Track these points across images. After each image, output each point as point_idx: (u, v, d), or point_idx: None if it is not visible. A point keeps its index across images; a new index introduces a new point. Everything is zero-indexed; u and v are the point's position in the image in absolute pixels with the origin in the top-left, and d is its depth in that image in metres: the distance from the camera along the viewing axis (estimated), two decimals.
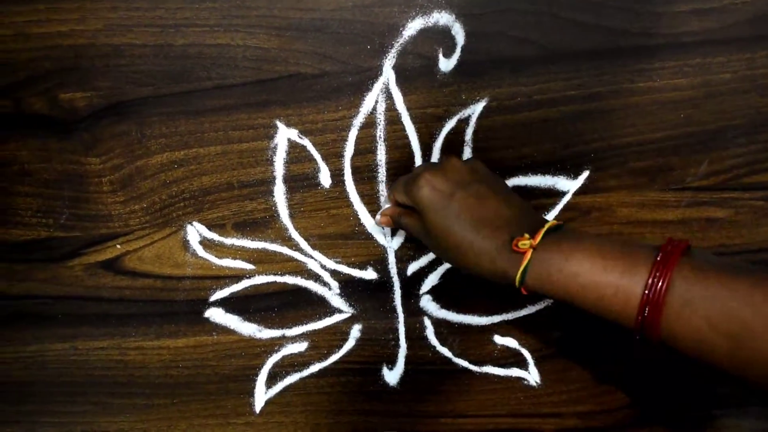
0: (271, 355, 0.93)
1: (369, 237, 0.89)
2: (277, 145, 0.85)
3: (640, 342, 0.67)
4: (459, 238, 0.74)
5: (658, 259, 0.65)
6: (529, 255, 0.70)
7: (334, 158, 0.86)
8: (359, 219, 0.88)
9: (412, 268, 0.90)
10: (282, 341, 0.93)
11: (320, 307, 0.92)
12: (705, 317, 0.62)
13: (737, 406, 0.94)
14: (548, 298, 0.72)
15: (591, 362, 0.93)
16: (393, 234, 0.89)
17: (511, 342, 0.93)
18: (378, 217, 0.86)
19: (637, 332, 0.66)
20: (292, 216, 0.88)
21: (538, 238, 0.71)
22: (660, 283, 0.64)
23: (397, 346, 0.93)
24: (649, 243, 0.69)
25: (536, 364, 0.93)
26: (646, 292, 0.64)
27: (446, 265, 0.90)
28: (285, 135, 0.85)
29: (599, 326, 0.88)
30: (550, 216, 0.88)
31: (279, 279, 0.91)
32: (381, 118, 0.84)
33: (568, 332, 0.92)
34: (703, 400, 0.93)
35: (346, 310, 0.92)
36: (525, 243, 0.71)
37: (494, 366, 0.93)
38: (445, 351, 0.93)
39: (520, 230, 0.72)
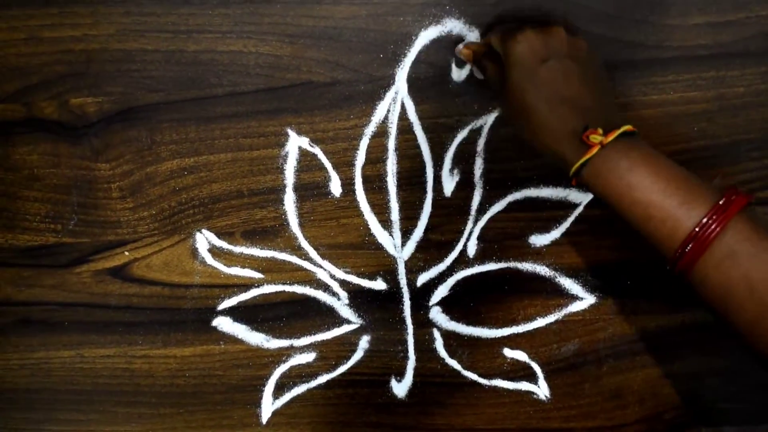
0: (278, 366, 0.92)
1: (379, 247, 0.88)
2: (287, 153, 0.85)
3: (668, 272, 0.67)
4: (533, 106, 0.71)
5: (720, 203, 0.64)
6: (595, 150, 0.68)
7: (344, 167, 0.86)
8: (369, 229, 0.88)
9: (422, 279, 0.90)
10: (290, 351, 0.92)
11: (329, 317, 0.91)
12: (744, 275, 0.62)
13: (749, 423, 0.93)
14: (594, 195, 0.70)
15: (602, 377, 0.92)
16: (403, 244, 0.88)
17: (520, 355, 0.92)
18: (460, 46, 0.81)
19: (670, 263, 0.66)
20: (301, 225, 0.88)
21: (611, 137, 0.68)
22: (714, 226, 0.63)
23: (406, 357, 0.92)
24: (713, 185, 0.68)
25: (546, 378, 0.92)
26: (697, 229, 0.63)
27: (457, 276, 0.90)
28: (296, 143, 0.85)
29: (609, 340, 0.88)
30: (561, 228, 0.87)
31: (288, 288, 0.90)
32: (393, 127, 0.84)
33: (578, 346, 0.91)
34: (715, 416, 0.93)
35: (355, 321, 0.91)
36: (596, 137, 0.68)
37: (504, 379, 0.93)
38: (454, 363, 0.92)
39: (596, 122, 0.70)
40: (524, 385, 0.93)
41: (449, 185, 0.86)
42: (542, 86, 0.71)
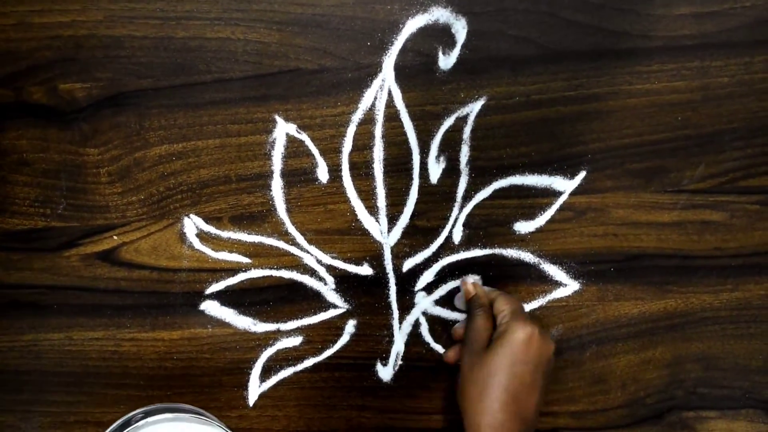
0: (265, 349, 0.93)
1: (365, 233, 0.89)
2: (275, 139, 0.85)
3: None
4: (493, 386, 0.78)
5: None
6: None
7: (332, 154, 0.86)
8: (356, 215, 0.88)
9: (408, 264, 0.91)
10: (276, 335, 0.93)
11: (315, 301, 0.92)
12: None
13: (730, 408, 0.94)
14: None
15: (584, 362, 0.93)
16: (389, 230, 0.89)
17: None
18: (472, 280, 0.89)
19: None
20: (289, 210, 0.88)
21: None
22: None
23: (391, 342, 0.93)
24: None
25: None
26: None
27: (442, 263, 0.90)
28: (283, 130, 0.85)
29: (592, 326, 0.89)
30: (546, 216, 0.88)
31: (275, 273, 0.91)
32: (380, 114, 0.85)
33: (561, 331, 0.92)
34: (695, 401, 0.94)
35: (341, 306, 0.92)
36: None
37: None
38: (439, 348, 0.93)
39: None
40: None
41: (435, 172, 0.87)
42: (515, 378, 0.78)
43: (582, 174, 0.87)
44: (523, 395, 0.77)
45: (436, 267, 0.91)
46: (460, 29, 0.82)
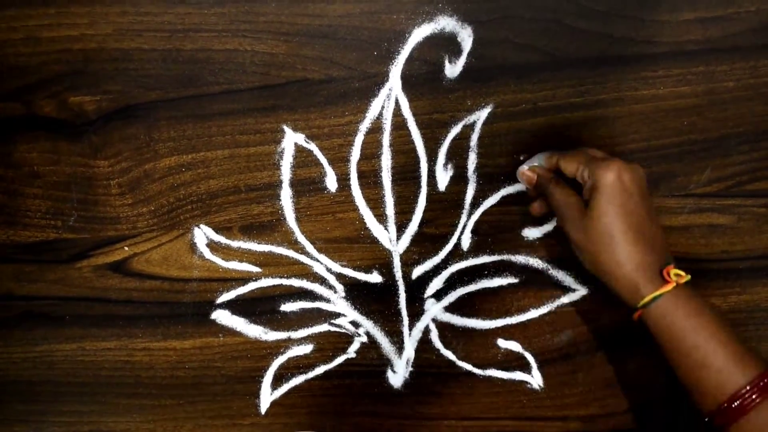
0: (276, 357, 0.94)
1: (374, 241, 0.89)
2: (284, 149, 0.86)
3: (703, 422, 0.71)
4: (618, 233, 0.74)
5: None
6: (671, 286, 0.72)
7: (340, 163, 0.87)
8: (365, 223, 0.89)
9: (417, 271, 0.91)
10: (287, 343, 0.93)
11: (325, 309, 0.92)
12: None
13: None
14: (652, 336, 0.75)
15: (594, 366, 0.93)
16: (398, 238, 0.89)
17: (514, 346, 0.93)
18: (525, 167, 0.85)
19: (709, 415, 0.70)
20: (298, 219, 0.89)
21: (686, 278, 0.73)
22: (763, 390, 0.67)
23: (402, 349, 0.93)
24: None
25: (539, 368, 0.94)
26: (747, 388, 0.67)
27: (451, 269, 0.91)
28: (292, 139, 0.86)
29: (602, 330, 0.89)
30: (554, 221, 0.89)
31: (285, 282, 0.91)
32: (387, 123, 0.85)
33: (571, 336, 0.92)
34: None
35: (351, 313, 0.92)
36: (679, 273, 0.73)
37: (498, 369, 0.94)
38: (449, 354, 0.93)
39: (670, 261, 0.75)
40: (518, 375, 0.94)
41: (443, 180, 0.87)
42: (630, 217, 0.74)
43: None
44: (645, 226, 0.75)
45: (445, 274, 0.91)
46: (466, 38, 0.82)
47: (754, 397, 0.67)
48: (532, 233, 0.89)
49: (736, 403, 0.67)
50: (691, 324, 0.71)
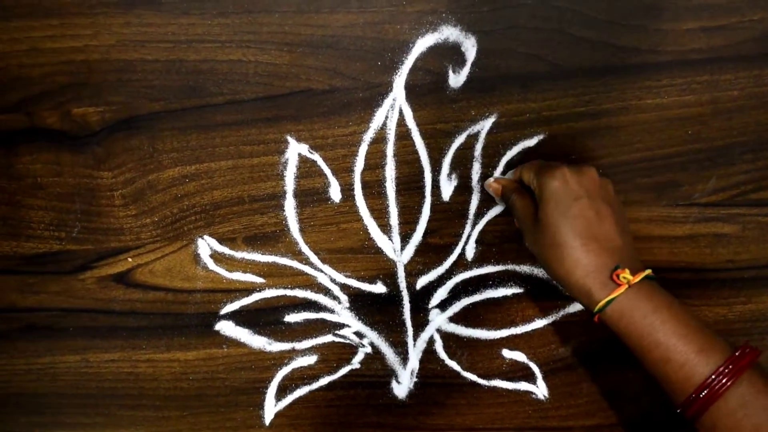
0: (280, 368, 0.93)
1: (378, 251, 0.89)
2: (287, 159, 0.86)
3: (678, 414, 0.72)
4: (565, 240, 0.74)
5: (736, 354, 0.68)
6: (623, 289, 0.72)
7: (344, 173, 0.86)
8: (369, 233, 0.89)
9: (422, 282, 0.91)
10: (291, 354, 0.93)
11: (330, 320, 0.92)
12: (755, 426, 0.66)
13: None
14: (615, 334, 0.74)
15: (599, 376, 0.93)
16: (402, 248, 0.89)
17: (519, 356, 0.93)
18: (491, 180, 0.86)
19: (681, 407, 0.70)
20: (302, 230, 0.89)
21: (639, 278, 0.72)
22: (728, 376, 0.67)
23: (406, 359, 0.93)
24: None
25: (544, 378, 0.93)
26: (713, 377, 0.68)
27: (456, 279, 0.90)
28: (296, 150, 0.85)
29: (606, 340, 0.89)
30: None
31: (289, 293, 0.91)
32: (391, 133, 0.85)
33: (576, 346, 0.92)
34: None
35: (356, 324, 0.92)
36: (626, 276, 0.72)
37: (502, 380, 0.94)
38: (453, 364, 0.93)
39: (624, 263, 0.74)
40: (523, 385, 0.94)
41: (447, 190, 0.87)
42: (575, 222, 0.74)
43: None
44: (594, 228, 0.74)
45: (450, 284, 0.91)
46: (470, 47, 0.82)
47: (722, 383, 0.67)
48: None
49: (703, 393, 0.68)
50: (649, 322, 0.71)
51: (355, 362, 0.93)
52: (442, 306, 0.91)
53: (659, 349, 0.71)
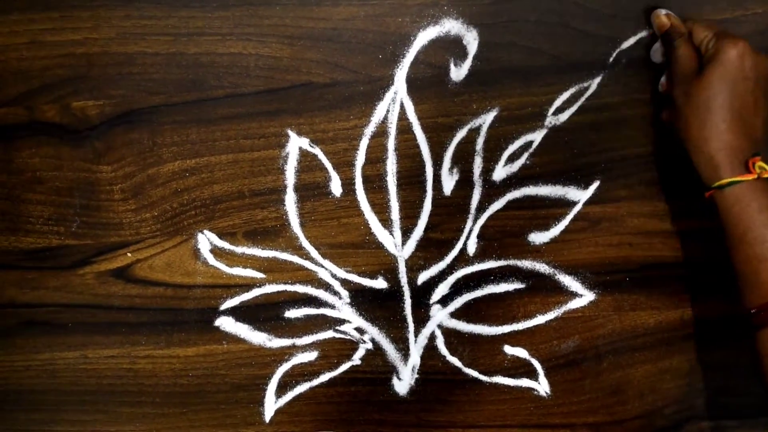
0: (281, 365, 0.93)
1: (380, 246, 0.89)
2: (288, 153, 0.86)
3: (740, 318, 0.74)
4: (719, 108, 0.74)
5: None
6: (751, 177, 0.73)
7: (345, 167, 0.86)
8: (370, 228, 0.88)
9: (423, 277, 0.90)
10: (292, 350, 0.93)
11: (330, 316, 0.92)
12: None
13: (750, 417, 0.93)
14: (719, 218, 0.76)
15: (602, 373, 0.92)
16: (403, 243, 0.89)
17: (521, 352, 0.92)
18: (662, 12, 0.81)
19: (755, 309, 0.72)
20: (302, 225, 0.88)
21: None
22: None
23: (407, 355, 0.92)
24: None
25: (546, 375, 0.93)
26: None
27: (457, 275, 0.90)
28: (296, 144, 0.85)
29: (610, 337, 0.89)
30: (560, 226, 0.88)
31: (289, 288, 0.91)
32: (392, 127, 0.85)
33: (578, 342, 0.92)
34: (714, 411, 0.93)
35: (356, 320, 0.92)
36: (763, 166, 0.73)
37: (504, 376, 0.93)
38: (455, 361, 0.93)
39: (757, 155, 0.74)
40: (525, 382, 0.93)
41: (449, 184, 0.87)
42: (735, 98, 0.74)
43: (596, 184, 0.86)
44: (747, 113, 0.75)
45: (451, 279, 0.90)
46: (472, 41, 0.82)
47: None
48: (538, 238, 0.89)
49: None
50: (763, 218, 0.72)
51: (356, 358, 0.93)
52: (444, 301, 0.91)
53: (762, 246, 0.71)
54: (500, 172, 0.86)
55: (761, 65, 0.75)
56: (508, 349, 0.92)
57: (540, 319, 0.91)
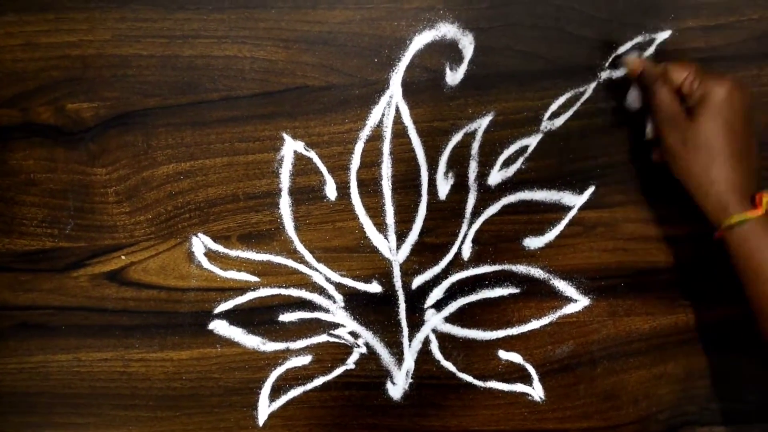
0: (274, 368, 0.93)
1: (374, 250, 0.89)
2: (283, 157, 0.85)
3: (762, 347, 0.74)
4: (721, 150, 0.74)
5: None
6: (760, 212, 0.73)
7: (340, 171, 0.86)
8: (364, 232, 0.88)
9: (417, 282, 0.90)
10: (286, 354, 0.92)
11: (324, 320, 0.91)
12: None
13: (744, 423, 0.93)
14: (730, 256, 0.76)
15: (596, 378, 0.92)
16: (398, 247, 0.89)
17: (515, 357, 0.92)
18: (635, 55, 0.82)
19: None
20: (297, 228, 0.88)
21: None
22: None
23: (401, 360, 0.92)
24: None
25: (541, 380, 0.93)
26: None
27: (452, 279, 0.90)
28: (291, 147, 0.85)
29: (604, 342, 0.89)
30: (555, 231, 0.88)
31: (283, 292, 0.90)
32: (387, 131, 0.84)
33: (572, 347, 0.92)
34: (708, 416, 0.93)
35: (351, 324, 0.91)
36: None
37: (498, 381, 0.93)
38: (449, 365, 0.92)
39: (762, 191, 0.75)
40: (519, 387, 0.93)
41: (444, 188, 0.87)
42: (733, 136, 0.75)
43: (591, 188, 0.86)
44: (744, 147, 0.75)
45: (446, 284, 0.90)
46: (467, 45, 0.82)
47: None
48: (533, 243, 0.89)
49: None
50: None
51: (350, 362, 0.93)
52: (438, 306, 0.91)
53: None
54: (495, 177, 0.86)
55: (746, 96, 0.76)
56: (503, 354, 0.92)
57: (534, 324, 0.91)
